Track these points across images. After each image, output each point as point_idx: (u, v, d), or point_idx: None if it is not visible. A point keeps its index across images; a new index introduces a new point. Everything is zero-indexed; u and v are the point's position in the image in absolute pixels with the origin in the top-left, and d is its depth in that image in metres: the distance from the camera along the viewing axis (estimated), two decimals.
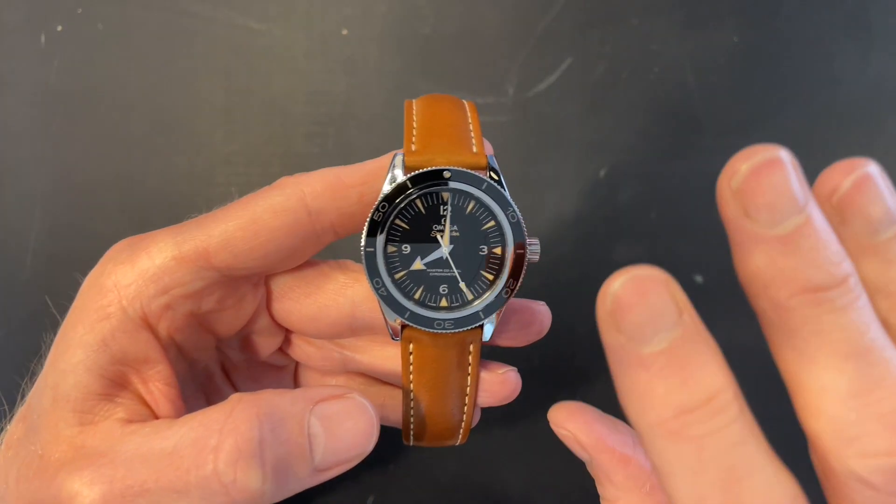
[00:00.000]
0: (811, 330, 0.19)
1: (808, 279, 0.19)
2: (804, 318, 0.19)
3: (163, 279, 0.27)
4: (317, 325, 0.30)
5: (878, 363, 0.19)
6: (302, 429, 0.25)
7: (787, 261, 0.19)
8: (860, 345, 0.19)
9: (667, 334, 0.19)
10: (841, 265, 0.19)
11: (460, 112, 0.29)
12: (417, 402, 0.29)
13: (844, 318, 0.19)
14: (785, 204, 0.18)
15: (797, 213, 0.18)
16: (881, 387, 0.19)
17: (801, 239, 0.19)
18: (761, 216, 0.19)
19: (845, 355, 0.19)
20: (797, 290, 0.19)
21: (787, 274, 0.19)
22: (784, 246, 0.19)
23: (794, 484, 0.20)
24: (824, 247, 0.19)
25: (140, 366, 0.27)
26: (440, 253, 0.28)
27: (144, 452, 0.24)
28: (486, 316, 0.28)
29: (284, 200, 0.27)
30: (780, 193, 0.18)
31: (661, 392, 0.19)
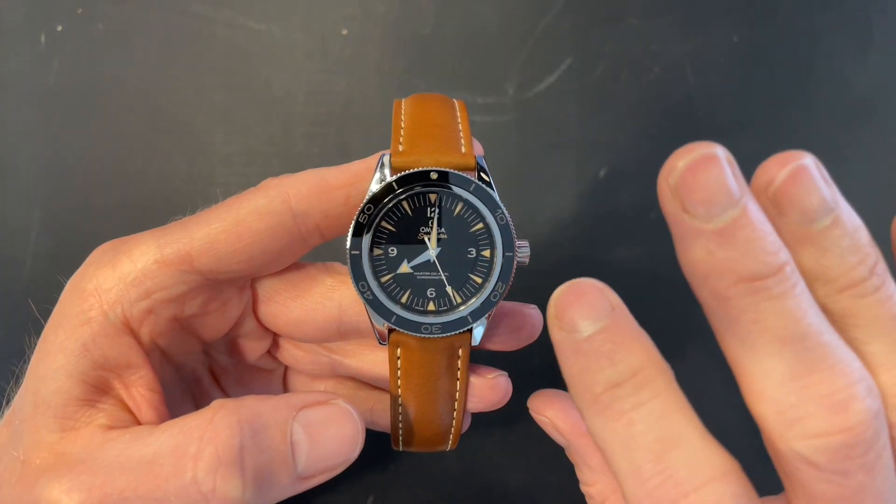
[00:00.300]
0: (750, 318, 0.20)
1: (744, 269, 0.20)
2: (743, 307, 0.20)
3: (144, 283, 0.26)
4: (304, 328, 0.29)
5: (816, 347, 0.20)
6: (284, 436, 0.24)
7: (725, 252, 0.19)
8: (797, 330, 0.20)
9: (597, 324, 0.21)
10: (777, 255, 0.20)
11: (449, 111, 0.29)
12: (406, 408, 0.29)
13: (781, 305, 0.20)
14: (720, 198, 0.19)
15: (732, 206, 0.19)
16: (819, 369, 0.20)
17: (736, 231, 0.19)
18: (698, 211, 0.19)
19: (783, 341, 0.20)
20: (735, 280, 0.20)
21: (725, 265, 0.20)
22: (721, 238, 0.19)
23: (727, 458, 0.21)
24: (760, 238, 0.19)
25: (122, 371, 0.27)
26: (427, 256, 0.27)
27: (124, 460, 0.24)
28: (474, 320, 0.27)
29: (269, 202, 0.27)
30: (714, 189, 0.19)
31: (592, 372, 0.21)
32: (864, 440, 0.20)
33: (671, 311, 0.42)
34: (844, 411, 0.19)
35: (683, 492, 0.20)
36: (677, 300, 0.45)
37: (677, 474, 0.20)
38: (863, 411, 0.19)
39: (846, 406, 0.19)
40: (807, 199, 0.21)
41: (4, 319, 0.42)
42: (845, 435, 0.19)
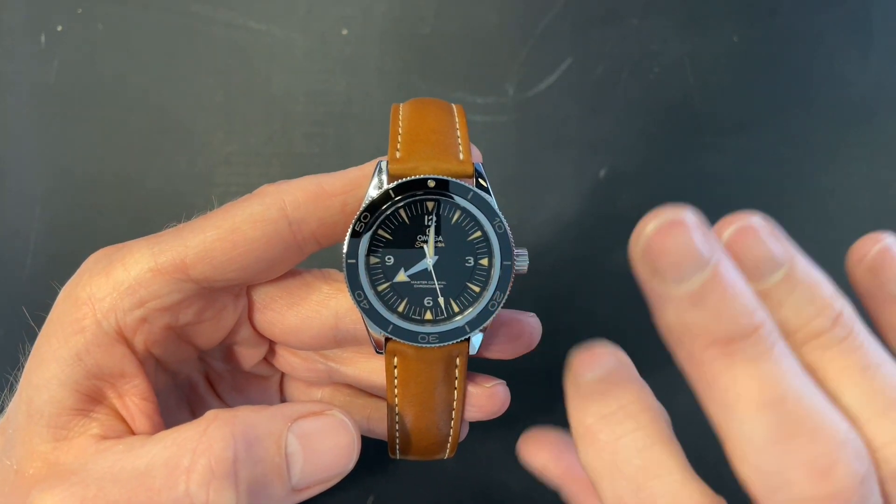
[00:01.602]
0: (726, 382, 0.20)
1: (717, 332, 0.19)
2: (718, 371, 0.20)
3: (138, 292, 0.26)
4: (300, 336, 0.29)
5: (796, 410, 0.19)
6: (279, 448, 0.24)
7: (696, 316, 0.19)
8: (774, 394, 0.19)
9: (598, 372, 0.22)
10: (751, 315, 0.20)
11: (447, 117, 0.28)
12: (402, 417, 0.28)
13: (757, 369, 0.19)
14: (688, 262, 0.19)
15: (701, 269, 0.19)
16: (800, 433, 0.19)
17: (707, 294, 0.19)
18: (668, 275, 0.19)
19: (760, 405, 0.19)
20: (708, 343, 0.20)
21: (697, 328, 0.20)
22: (691, 302, 0.19)
23: (707, 493, 0.21)
24: (731, 299, 0.19)
25: (116, 380, 0.26)
26: (425, 264, 0.27)
27: (116, 471, 0.24)
28: (472, 330, 0.27)
29: (264, 210, 0.26)
30: (682, 253, 0.19)
31: (586, 407, 0.22)
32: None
33: None
34: (829, 477, 0.19)
35: None
36: None
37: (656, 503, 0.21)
38: (849, 476, 0.19)
39: (831, 471, 0.19)
40: (754, 257, 0.21)
41: (4, 319, 0.42)
42: (831, 501, 0.19)
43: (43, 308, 0.27)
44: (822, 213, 0.44)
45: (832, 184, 0.44)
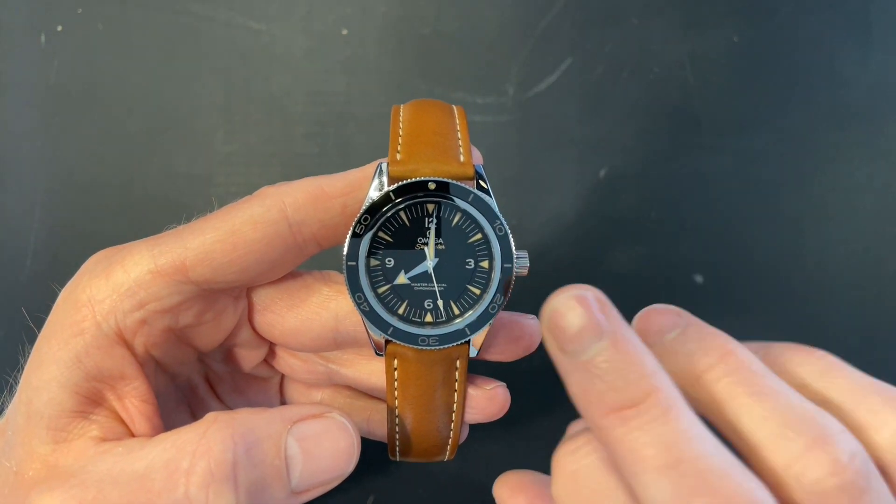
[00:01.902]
0: (626, 448, 0.20)
1: (612, 400, 0.20)
2: (617, 437, 0.20)
3: (138, 294, 0.26)
4: (300, 338, 0.29)
5: (693, 473, 0.20)
6: (278, 450, 0.24)
7: (593, 385, 0.21)
8: (670, 457, 0.20)
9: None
10: (645, 381, 0.20)
11: (448, 118, 0.28)
12: (402, 419, 0.28)
13: (652, 434, 0.20)
14: (585, 335, 0.20)
15: (597, 341, 0.20)
16: (699, 493, 0.19)
17: (602, 364, 0.20)
18: (568, 348, 0.21)
19: (658, 469, 0.20)
20: (605, 410, 0.21)
21: (595, 396, 0.21)
22: (589, 372, 0.20)
23: None
24: (625, 368, 0.20)
25: (115, 382, 0.26)
26: (425, 266, 0.27)
27: (116, 474, 0.24)
28: (472, 332, 0.27)
29: (265, 212, 0.26)
30: (580, 327, 0.20)
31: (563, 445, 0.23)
32: None
33: None
34: None
35: None
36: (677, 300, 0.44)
37: None
38: None
39: None
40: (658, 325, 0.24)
41: (4, 320, 0.42)
42: None
43: (43, 309, 0.27)
44: (823, 213, 0.44)
45: (832, 184, 0.44)
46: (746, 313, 0.43)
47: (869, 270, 0.44)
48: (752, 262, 0.44)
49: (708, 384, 0.22)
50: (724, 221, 0.44)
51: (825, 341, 0.43)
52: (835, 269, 0.44)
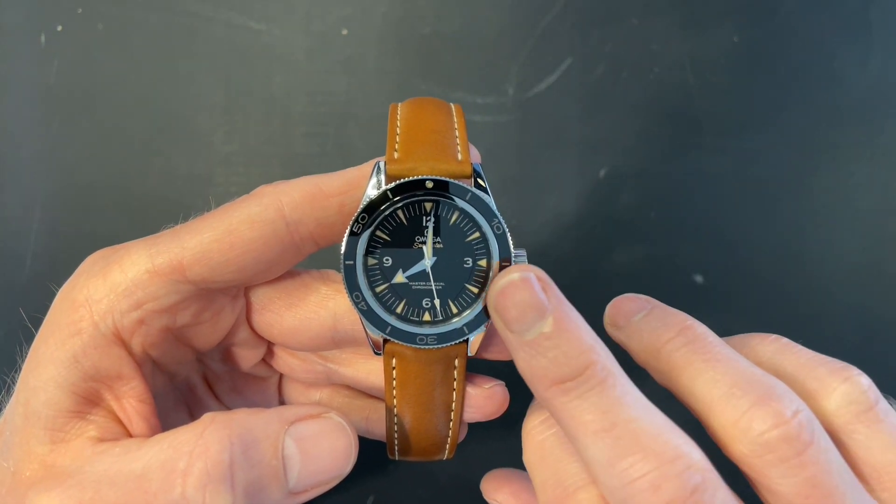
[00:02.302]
0: (567, 416, 0.22)
1: (553, 374, 0.22)
2: (559, 407, 0.23)
3: (135, 293, 0.25)
4: (298, 337, 0.28)
5: (626, 435, 0.22)
6: (276, 451, 0.24)
7: (538, 360, 0.23)
8: (605, 422, 0.22)
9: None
10: (584, 355, 0.22)
11: (446, 116, 0.28)
12: (401, 418, 0.28)
13: (589, 402, 0.22)
14: (528, 315, 0.23)
15: (540, 320, 0.22)
16: (630, 453, 0.21)
17: (544, 341, 0.22)
18: (514, 327, 0.23)
19: (595, 433, 0.22)
20: (548, 383, 0.23)
21: (539, 371, 0.23)
22: (532, 349, 0.23)
23: None
24: (566, 343, 0.22)
25: (113, 382, 0.26)
26: (423, 265, 0.27)
27: (113, 474, 0.23)
28: (470, 331, 0.26)
29: (262, 211, 0.26)
30: (523, 307, 0.23)
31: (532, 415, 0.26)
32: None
33: None
34: (659, 491, 0.21)
35: None
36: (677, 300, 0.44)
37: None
38: (679, 488, 0.21)
39: (660, 486, 0.21)
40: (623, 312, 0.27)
41: (4, 320, 0.42)
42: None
43: (43, 309, 0.27)
44: (823, 213, 0.44)
45: (832, 184, 0.44)
46: (746, 313, 0.43)
47: (869, 270, 0.44)
48: (752, 262, 0.44)
49: (667, 354, 0.25)
50: (724, 221, 0.44)
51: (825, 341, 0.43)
52: (835, 269, 0.44)
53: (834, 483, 0.22)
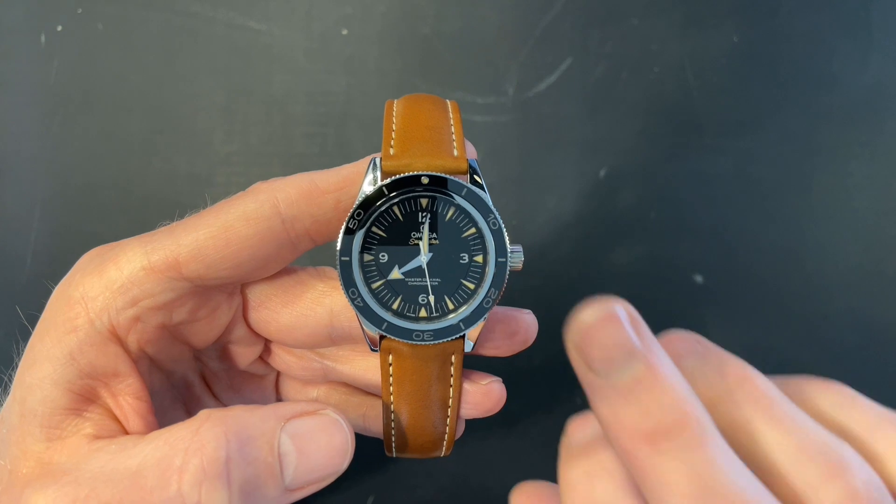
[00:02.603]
0: (655, 476, 0.19)
1: (645, 426, 0.19)
2: (649, 466, 0.19)
3: (131, 291, 0.25)
4: (295, 334, 0.28)
5: (723, 501, 0.19)
6: (272, 447, 0.24)
7: (626, 410, 0.19)
8: (702, 486, 0.19)
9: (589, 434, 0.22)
10: (680, 408, 0.19)
11: (442, 112, 0.28)
12: (398, 415, 0.28)
13: (684, 463, 0.19)
14: (619, 357, 0.19)
15: (632, 364, 0.19)
16: None
17: (637, 388, 0.19)
18: (600, 369, 0.19)
19: (689, 498, 0.19)
20: (637, 437, 0.19)
21: (628, 422, 0.19)
22: (621, 396, 0.19)
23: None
24: (660, 394, 0.19)
25: (109, 379, 0.26)
26: (419, 261, 0.27)
27: (109, 471, 0.23)
28: (466, 327, 0.26)
29: (257, 207, 0.26)
30: (613, 347, 0.19)
31: (574, 463, 0.21)
32: None
33: (671, 310, 0.41)
34: None
35: None
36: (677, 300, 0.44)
37: None
38: None
39: None
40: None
41: (4, 320, 0.42)
42: None
43: (42, 309, 0.27)
44: (823, 213, 0.44)
45: (832, 184, 0.44)
46: (746, 313, 0.43)
47: (868, 271, 0.44)
48: (752, 262, 0.43)
49: (727, 409, 0.22)
50: (724, 221, 0.44)
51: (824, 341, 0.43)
52: (834, 269, 0.44)
53: None
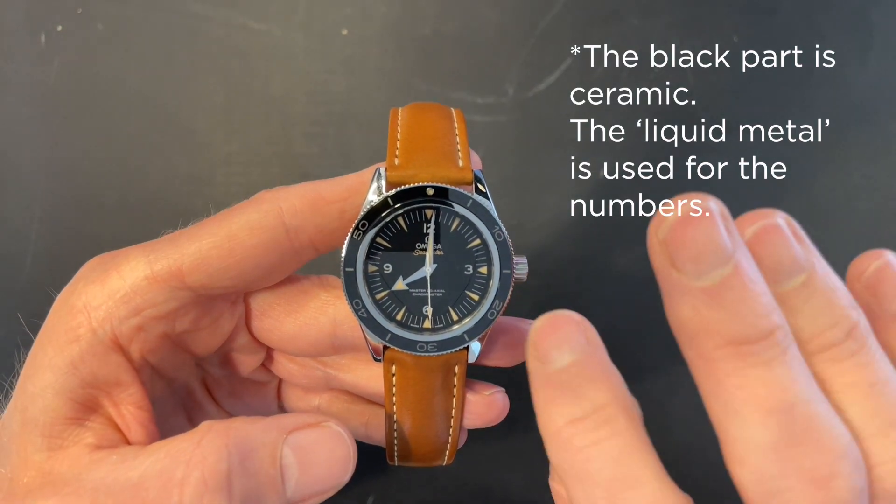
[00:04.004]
0: (735, 384, 0.19)
1: (732, 332, 0.19)
2: (729, 371, 0.19)
3: (134, 300, 0.25)
4: (298, 343, 0.28)
5: (803, 419, 0.19)
6: (274, 460, 0.24)
7: (712, 313, 0.19)
8: (784, 400, 0.19)
9: (569, 357, 0.20)
10: (768, 317, 0.19)
11: (447, 122, 0.28)
12: (401, 425, 0.28)
13: (769, 373, 0.19)
14: (710, 256, 0.18)
15: (723, 264, 0.18)
16: (804, 442, 0.19)
17: (726, 291, 0.18)
18: (687, 268, 0.19)
19: (769, 410, 0.19)
20: (722, 342, 0.19)
21: (713, 326, 0.19)
22: (709, 298, 0.19)
23: (680, 499, 0.20)
24: (751, 298, 0.19)
25: (111, 389, 0.26)
26: (423, 272, 0.27)
27: (110, 482, 0.23)
28: (470, 338, 0.26)
29: (261, 217, 0.26)
30: (705, 245, 0.18)
31: (557, 405, 0.20)
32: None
33: None
34: (827, 487, 0.19)
35: None
36: None
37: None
38: (846, 489, 0.19)
39: (829, 482, 0.19)
40: (775, 259, 0.20)
41: (4, 318, 0.42)
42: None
43: (42, 310, 0.27)
44: (823, 213, 0.44)
45: (832, 184, 0.44)
46: None
47: None
48: None
49: (825, 359, 0.21)
50: None
51: None
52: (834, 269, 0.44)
53: None
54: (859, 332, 0.21)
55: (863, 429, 0.20)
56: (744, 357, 0.19)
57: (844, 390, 0.21)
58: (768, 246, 0.20)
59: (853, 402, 0.21)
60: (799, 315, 0.20)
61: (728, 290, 0.18)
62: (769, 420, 0.19)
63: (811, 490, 0.19)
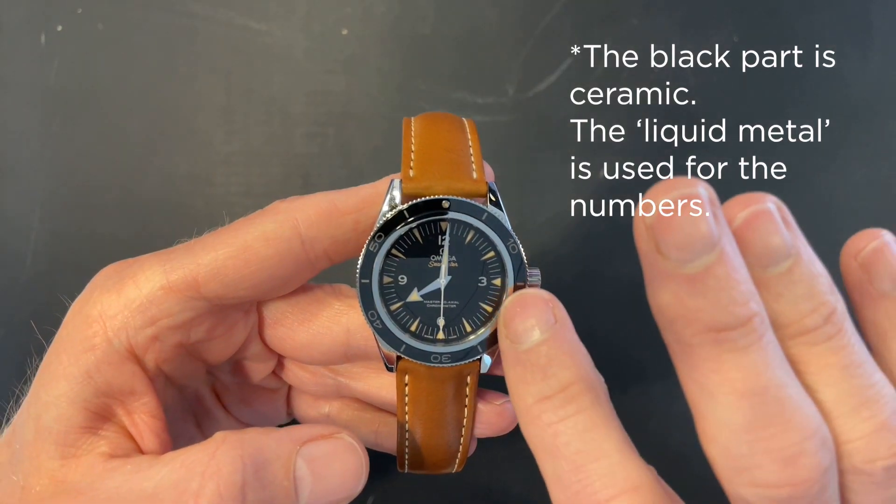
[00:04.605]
0: (711, 368, 0.20)
1: (711, 320, 0.19)
2: (705, 356, 0.20)
3: (150, 310, 0.25)
4: (310, 352, 0.28)
5: (774, 402, 0.20)
6: (287, 471, 0.24)
7: (693, 301, 0.19)
8: (757, 384, 0.20)
9: (538, 336, 0.22)
10: (746, 305, 0.19)
11: (460, 134, 0.28)
12: (413, 434, 0.28)
13: (744, 359, 0.20)
14: (696, 244, 0.19)
15: (707, 252, 0.19)
16: (774, 423, 0.20)
17: (708, 279, 0.19)
18: (671, 254, 0.19)
19: (741, 394, 0.20)
20: (700, 329, 0.19)
21: (692, 313, 0.19)
22: (691, 286, 0.19)
23: (642, 472, 0.21)
24: (731, 287, 0.19)
25: (125, 398, 0.26)
26: (438, 284, 0.27)
27: (124, 492, 0.24)
28: (483, 350, 0.27)
29: (277, 228, 0.26)
30: (692, 233, 0.18)
31: (527, 383, 0.22)
32: (810, 495, 0.20)
33: None
34: (794, 466, 0.20)
35: (597, 501, 0.21)
36: None
37: (593, 485, 0.21)
38: (812, 467, 0.20)
39: (796, 460, 0.20)
40: (763, 244, 0.20)
41: (5, 318, 0.42)
42: (792, 489, 0.20)
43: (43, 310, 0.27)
44: (822, 213, 0.44)
45: (832, 184, 0.44)
46: None
47: None
48: None
49: (803, 343, 0.21)
50: None
51: None
52: (834, 270, 0.44)
53: None
54: (837, 317, 0.21)
55: (835, 408, 0.21)
56: (720, 343, 0.20)
57: (819, 372, 0.21)
58: (758, 231, 0.20)
59: (827, 383, 0.21)
60: (781, 299, 0.21)
61: (710, 278, 0.19)
62: (742, 402, 0.20)
63: (778, 468, 0.20)
